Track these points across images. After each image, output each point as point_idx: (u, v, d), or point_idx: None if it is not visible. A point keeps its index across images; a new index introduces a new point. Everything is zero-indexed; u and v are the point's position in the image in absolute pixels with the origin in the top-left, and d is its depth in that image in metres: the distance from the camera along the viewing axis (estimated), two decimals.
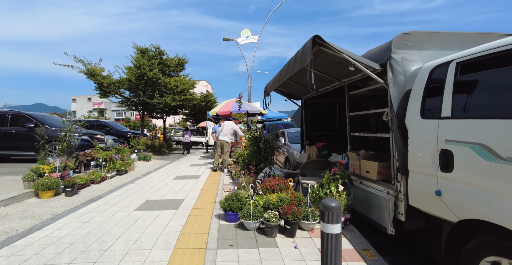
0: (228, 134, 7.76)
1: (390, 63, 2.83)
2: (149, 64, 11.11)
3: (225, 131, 7.76)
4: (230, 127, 7.75)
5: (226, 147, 7.72)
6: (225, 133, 7.76)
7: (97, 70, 11.14)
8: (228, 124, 7.80)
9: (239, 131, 7.84)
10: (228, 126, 7.77)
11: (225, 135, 7.76)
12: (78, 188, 5.23)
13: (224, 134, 7.77)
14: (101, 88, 11.49)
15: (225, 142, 7.72)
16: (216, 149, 7.95)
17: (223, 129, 7.81)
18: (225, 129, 7.77)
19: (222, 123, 7.99)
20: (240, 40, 13.13)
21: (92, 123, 15.29)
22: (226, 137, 7.76)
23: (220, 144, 7.78)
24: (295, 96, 5.67)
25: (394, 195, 2.82)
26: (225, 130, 7.76)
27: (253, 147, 5.62)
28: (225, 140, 7.74)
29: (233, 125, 7.78)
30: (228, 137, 7.77)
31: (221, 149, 7.84)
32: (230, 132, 7.77)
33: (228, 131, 7.75)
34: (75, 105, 62.14)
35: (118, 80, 11.53)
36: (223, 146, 7.74)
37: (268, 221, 2.94)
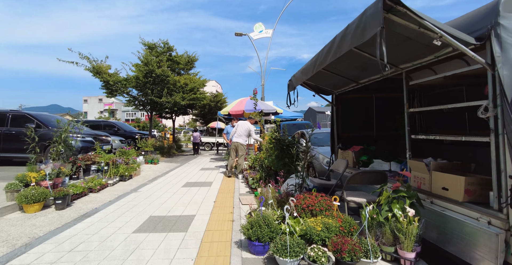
0: (243, 135, 6.93)
1: (497, 33, 1.93)
2: (157, 60, 10.42)
3: (239, 132, 6.94)
4: (245, 127, 6.93)
5: (241, 149, 6.90)
6: (240, 134, 6.94)
7: (103, 68, 10.54)
8: (242, 125, 6.98)
9: (254, 133, 7.00)
10: (242, 126, 6.95)
11: (240, 136, 6.93)
12: (73, 198, 4.51)
13: (238, 135, 6.95)
14: (108, 86, 10.89)
15: (239, 144, 6.90)
16: (230, 152, 7.13)
17: (237, 130, 6.99)
18: (239, 130, 6.95)
19: (236, 124, 7.16)
20: (253, 35, 12.32)
21: (100, 123, 14.81)
22: (241, 138, 6.93)
23: (234, 146, 6.96)
24: (324, 90, 4.78)
25: (505, 228, 1.91)
26: (240, 131, 6.94)
27: (275, 150, 4.76)
28: (240, 142, 6.91)
29: (248, 125, 6.96)
30: (243, 138, 6.95)
31: (235, 152, 7.03)
32: (245, 133, 6.94)
33: (243, 132, 6.92)
34: (87, 106, 62.86)
35: (125, 78, 10.91)
36: (238, 148, 6.92)
37: (315, 262, 2.08)
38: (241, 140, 6.93)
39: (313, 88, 4.71)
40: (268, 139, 5.28)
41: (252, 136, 7.04)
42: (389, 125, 4.73)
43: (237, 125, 7.04)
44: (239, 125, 6.99)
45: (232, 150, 7.01)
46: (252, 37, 12.29)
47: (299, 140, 7.37)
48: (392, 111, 4.56)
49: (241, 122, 7.07)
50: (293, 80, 4.32)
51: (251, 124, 7.09)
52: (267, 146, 5.65)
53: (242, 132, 6.92)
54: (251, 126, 7.03)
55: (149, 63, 10.17)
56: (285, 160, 4.61)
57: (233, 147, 6.98)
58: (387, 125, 4.78)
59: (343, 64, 3.42)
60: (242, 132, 6.92)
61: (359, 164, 4.35)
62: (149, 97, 10.90)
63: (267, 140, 5.80)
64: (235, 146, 6.93)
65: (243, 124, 6.98)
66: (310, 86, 4.69)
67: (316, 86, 4.66)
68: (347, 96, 4.71)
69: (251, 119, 7.48)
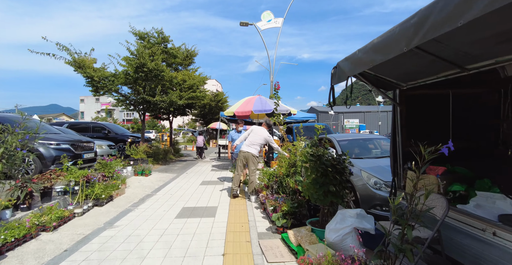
0: (257, 144, 5.41)
1: None
2: (150, 52, 8.87)
3: (253, 140, 5.41)
4: (262, 136, 5.42)
5: (253, 162, 5.36)
6: (253, 142, 5.40)
7: (86, 62, 8.99)
8: (258, 131, 5.45)
9: (274, 143, 5.49)
10: (258, 134, 5.42)
11: (252, 145, 5.40)
12: (8, 248, 2.96)
13: (251, 143, 5.41)
14: (93, 83, 9.33)
15: (251, 156, 5.36)
16: (236, 164, 5.60)
17: (249, 137, 5.45)
18: (253, 138, 5.41)
19: (249, 129, 5.63)
20: (261, 25, 10.79)
21: (88, 126, 13.24)
22: (253, 148, 5.39)
23: (243, 157, 5.41)
24: (387, 83, 3.25)
25: None
26: (254, 139, 5.41)
27: (312, 172, 3.22)
28: (252, 152, 5.37)
29: (265, 133, 5.45)
30: (256, 148, 5.41)
31: (244, 165, 5.49)
32: (261, 141, 5.42)
33: (257, 140, 5.39)
34: (83, 106, 61.19)
35: (113, 74, 9.36)
36: (248, 160, 5.37)
37: None
38: (253, 149, 5.39)
39: (369, 80, 3.17)
40: (301, 154, 3.77)
41: (272, 145, 5.54)
42: (487, 136, 3.21)
43: (250, 131, 5.50)
44: (253, 131, 5.46)
45: (240, 161, 5.45)
46: (260, 27, 10.76)
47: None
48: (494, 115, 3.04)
49: (256, 128, 5.53)
50: (345, 67, 2.78)
51: (266, 131, 5.57)
52: (299, 163, 4.15)
53: (257, 140, 5.39)
54: (269, 135, 5.55)
55: (140, 55, 8.62)
56: (329, 188, 3.07)
57: (241, 157, 5.43)
58: (484, 136, 3.26)
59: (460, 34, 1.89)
60: (257, 140, 5.39)
61: (448, 196, 2.81)
62: (140, 95, 9.35)
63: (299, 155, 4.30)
64: (245, 157, 5.39)
65: (259, 130, 5.46)
66: (365, 78, 3.15)
67: (376, 77, 3.13)
68: (419, 93, 3.19)
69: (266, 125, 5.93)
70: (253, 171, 5.34)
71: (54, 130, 8.41)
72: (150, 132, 39.51)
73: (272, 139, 5.55)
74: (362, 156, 5.26)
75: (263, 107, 8.48)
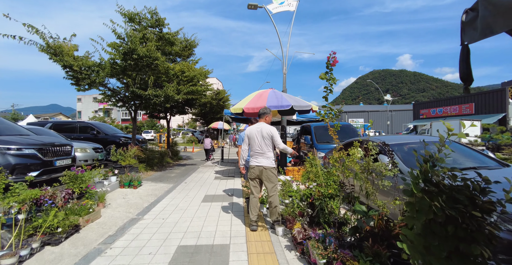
0: (266, 149, 3.75)
1: None
2: (140, 36, 7.31)
3: (258, 146, 3.75)
4: (264, 133, 3.75)
5: (270, 178, 3.71)
6: (260, 149, 3.75)
7: (64, 48, 7.42)
8: (259, 130, 3.80)
9: (279, 139, 3.80)
10: (259, 133, 3.77)
11: (262, 154, 3.74)
12: None
13: (257, 152, 3.76)
14: (73, 75, 7.77)
15: (264, 170, 3.70)
16: (249, 182, 3.95)
17: (253, 143, 3.81)
18: (257, 142, 3.76)
19: (246, 133, 3.95)
20: (272, 8, 9.23)
21: (74, 125, 11.72)
22: (264, 157, 3.73)
23: (255, 174, 3.76)
24: None
25: None
26: (258, 144, 3.75)
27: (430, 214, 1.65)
28: (264, 164, 3.70)
29: (268, 129, 3.77)
30: (268, 156, 3.74)
31: (259, 183, 3.89)
32: (267, 142, 3.76)
33: (263, 143, 3.75)
34: (81, 105, 59.42)
35: (98, 63, 7.80)
36: (262, 176, 3.72)
37: None
38: (265, 160, 3.71)
39: None
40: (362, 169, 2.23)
41: (277, 145, 3.80)
42: None
43: (249, 136, 3.87)
44: (252, 133, 3.81)
45: (254, 181, 3.84)
46: (271, 10, 9.20)
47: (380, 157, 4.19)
48: None
49: (253, 128, 3.86)
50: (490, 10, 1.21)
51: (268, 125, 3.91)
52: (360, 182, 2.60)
53: (263, 143, 3.74)
54: (273, 129, 3.85)
55: (129, 39, 7.06)
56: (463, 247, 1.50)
57: (253, 174, 3.79)
58: None
59: None
60: (263, 143, 3.74)
61: None
62: (130, 89, 7.78)
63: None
64: (258, 172, 3.75)
65: (258, 129, 3.80)
66: None
67: None
68: None
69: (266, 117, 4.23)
70: (273, 190, 3.72)
71: (22, 131, 6.86)
72: (149, 132, 37.92)
73: (277, 134, 3.85)
74: None
75: (279, 102, 6.92)
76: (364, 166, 2.88)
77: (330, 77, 2.77)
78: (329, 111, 3.14)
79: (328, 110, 3.12)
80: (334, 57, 2.64)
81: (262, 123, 3.89)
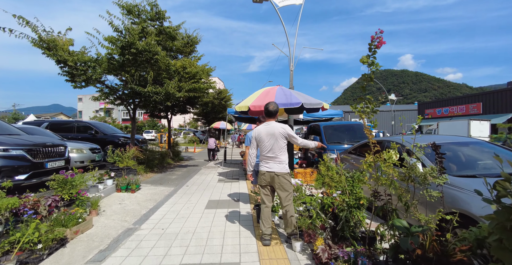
0: (280, 153, 3.23)
1: None
2: (140, 29, 6.84)
3: (268, 149, 3.23)
4: (279, 133, 3.21)
5: (285, 184, 3.20)
6: (271, 152, 3.23)
7: (59, 42, 6.97)
8: (269, 130, 3.25)
9: (296, 137, 3.26)
10: (270, 133, 3.23)
11: (273, 159, 3.22)
12: None
13: (267, 156, 3.26)
14: (68, 71, 7.32)
15: (276, 176, 3.19)
16: (260, 190, 3.44)
17: (262, 146, 3.28)
18: (267, 144, 3.24)
19: (254, 134, 3.40)
20: (278, 1, 8.75)
21: (72, 125, 11.28)
22: (275, 162, 3.22)
23: (265, 180, 3.26)
24: None
25: None
26: (269, 145, 3.23)
27: None
28: (276, 170, 3.19)
29: (279, 128, 3.23)
30: (281, 160, 3.23)
31: (271, 191, 3.37)
32: (283, 144, 3.25)
33: (276, 145, 3.21)
34: (81, 105, 59.05)
35: (95, 59, 7.33)
36: (275, 183, 3.22)
37: None
38: (277, 164, 3.20)
39: None
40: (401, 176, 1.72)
41: (297, 143, 3.29)
42: None
43: (257, 137, 3.32)
44: (260, 134, 3.27)
45: (265, 188, 3.33)
46: (277, 3, 8.72)
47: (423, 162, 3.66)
48: None
49: (261, 128, 3.32)
50: None
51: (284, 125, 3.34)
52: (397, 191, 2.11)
53: (276, 146, 3.20)
54: (286, 126, 3.28)
55: (127, 32, 6.60)
56: None
57: (263, 181, 3.29)
58: None
59: None
60: (276, 146, 3.20)
61: None
62: (129, 85, 7.31)
63: None
64: (269, 179, 3.25)
65: (269, 129, 3.26)
66: None
67: None
68: None
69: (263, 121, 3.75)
70: (288, 199, 3.21)
71: (12, 130, 6.41)
72: (150, 132, 37.50)
73: (292, 131, 3.30)
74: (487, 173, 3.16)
75: (288, 100, 6.43)
76: (405, 172, 2.39)
77: (372, 62, 2.19)
78: (366, 106, 2.42)
79: (366, 104, 2.42)
80: (380, 38, 2.07)
81: (271, 122, 3.35)
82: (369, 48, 2.16)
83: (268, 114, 3.42)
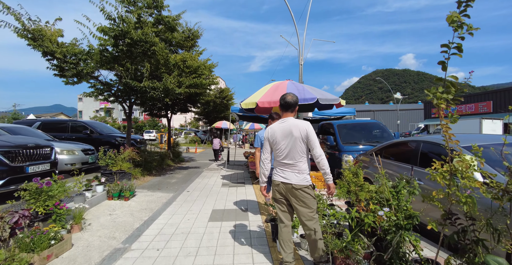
0: (300, 160, 2.47)
1: None
2: (136, 17, 6.14)
3: (286, 154, 2.49)
4: (300, 133, 2.44)
5: (307, 200, 2.44)
6: (289, 158, 2.49)
7: (46, 32, 6.29)
8: (286, 128, 2.50)
9: (317, 146, 2.44)
10: (289, 133, 2.48)
11: (291, 166, 2.49)
12: None
13: (281, 162, 2.54)
14: (57, 64, 6.64)
15: (300, 190, 2.43)
16: (275, 204, 2.69)
17: (285, 144, 2.49)
18: (284, 148, 2.50)
19: (266, 134, 2.64)
20: None
21: (65, 124, 10.62)
22: (293, 171, 2.48)
23: (285, 190, 2.51)
24: None
25: None
26: (287, 149, 2.48)
27: None
28: (294, 182, 2.44)
29: (302, 126, 2.45)
30: (301, 168, 2.47)
31: (287, 204, 2.59)
32: (303, 149, 2.47)
33: (295, 149, 2.46)
34: (82, 105, 58.41)
35: (86, 51, 6.66)
36: (292, 196, 2.48)
37: None
38: (295, 174, 2.46)
39: None
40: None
41: (315, 151, 2.44)
42: None
43: (270, 138, 2.60)
44: (275, 134, 2.55)
45: (281, 204, 2.60)
46: None
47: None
48: None
49: (276, 127, 2.58)
50: None
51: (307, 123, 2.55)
52: None
53: (294, 150, 2.47)
54: (308, 126, 2.49)
55: (121, 20, 5.90)
56: None
57: (277, 194, 2.58)
58: None
59: None
60: (294, 150, 2.47)
61: None
62: (123, 80, 6.62)
63: None
64: (284, 192, 2.52)
65: (285, 127, 2.52)
66: None
67: None
68: None
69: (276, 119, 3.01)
70: (311, 217, 2.45)
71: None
72: (151, 132, 36.81)
73: (314, 134, 2.49)
74: None
75: (302, 95, 5.72)
76: (494, 186, 1.67)
77: (462, 24, 1.44)
78: (447, 90, 1.55)
79: (447, 88, 1.55)
80: None
81: (289, 119, 2.56)
82: (458, 4, 1.44)
83: (285, 106, 2.61)
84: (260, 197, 5.53)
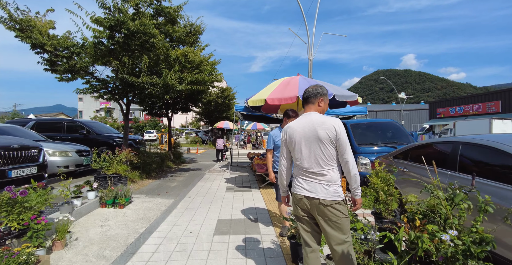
0: (329, 167, 1.88)
1: None
2: (132, 6, 5.61)
3: (310, 159, 1.91)
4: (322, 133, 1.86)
5: (340, 221, 1.86)
6: (320, 163, 1.88)
7: (35, 23, 5.77)
8: (320, 124, 1.90)
9: (349, 153, 1.86)
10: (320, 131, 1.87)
11: (322, 174, 1.88)
12: None
13: (305, 170, 1.94)
14: (48, 58, 6.12)
15: (329, 207, 1.85)
16: (297, 223, 2.15)
17: (307, 147, 1.92)
18: (312, 148, 1.91)
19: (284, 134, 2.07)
20: None
21: (61, 124, 10.10)
22: (321, 181, 1.88)
23: (309, 207, 1.93)
24: None
25: None
26: (315, 150, 1.90)
27: None
28: (326, 197, 1.85)
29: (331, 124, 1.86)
30: (335, 177, 1.88)
31: (313, 223, 2.00)
32: (331, 155, 1.88)
33: (321, 154, 1.88)
34: (82, 105, 57.89)
35: (80, 45, 6.14)
36: (319, 214, 1.89)
37: None
38: (323, 186, 1.87)
39: None
40: None
41: (345, 156, 1.85)
42: None
43: (288, 140, 2.02)
44: (294, 134, 1.97)
45: (304, 223, 2.01)
46: None
47: None
48: None
49: (295, 125, 2.00)
50: None
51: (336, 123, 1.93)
52: None
53: (320, 154, 1.88)
54: (338, 124, 1.87)
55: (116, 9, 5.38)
56: None
57: (299, 211, 2.00)
58: None
59: None
60: (320, 154, 1.88)
61: None
62: (119, 75, 6.09)
63: None
64: (308, 208, 1.94)
65: (308, 126, 1.93)
66: None
67: None
68: None
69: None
70: (343, 241, 1.88)
71: None
72: (151, 132, 36.26)
73: (345, 135, 1.89)
74: None
75: None
76: None
77: None
78: None
79: None
80: None
81: (312, 114, 1.99)
82: None
83: (308, 99, 2.03)
84: (270, 204, 4.98)
